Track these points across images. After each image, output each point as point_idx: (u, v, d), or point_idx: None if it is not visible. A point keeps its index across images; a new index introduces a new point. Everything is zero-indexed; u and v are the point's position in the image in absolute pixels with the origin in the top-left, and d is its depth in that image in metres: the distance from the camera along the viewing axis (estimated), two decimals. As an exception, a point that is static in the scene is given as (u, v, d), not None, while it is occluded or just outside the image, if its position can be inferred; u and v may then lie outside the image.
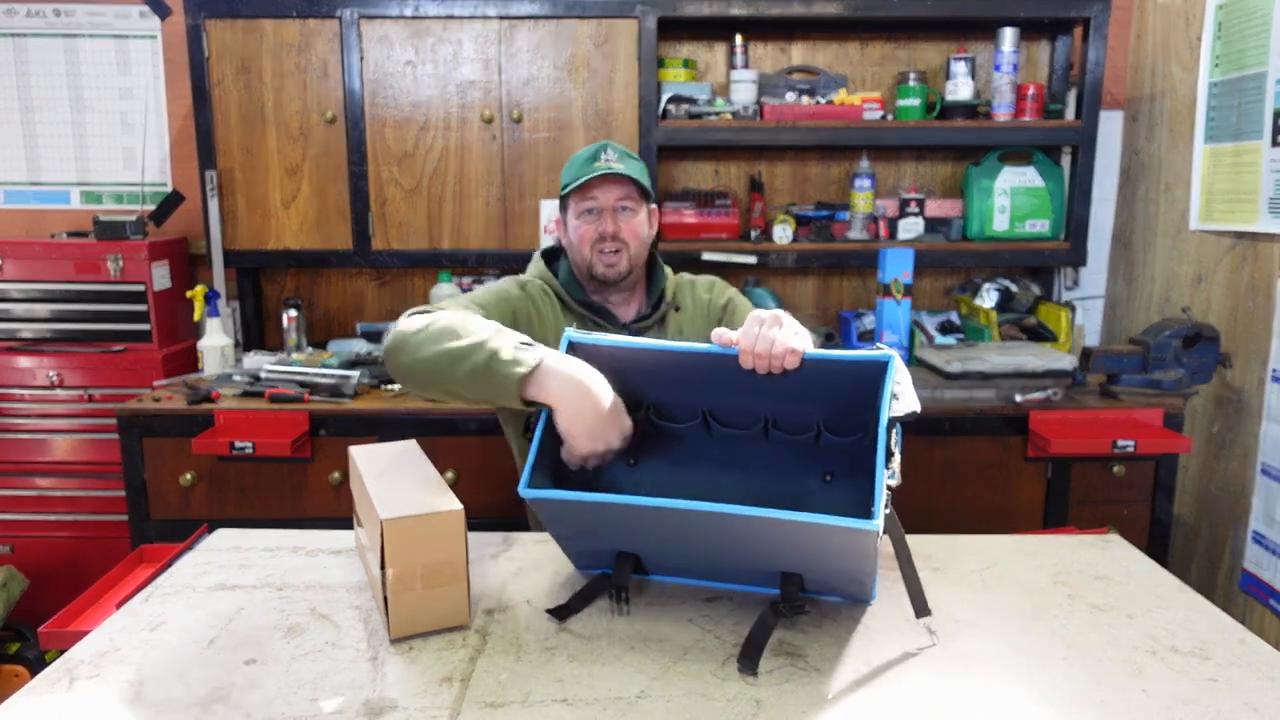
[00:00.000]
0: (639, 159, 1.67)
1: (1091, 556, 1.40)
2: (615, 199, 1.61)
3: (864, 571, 1.12)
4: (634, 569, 1.21)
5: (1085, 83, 2.56)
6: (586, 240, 1.62)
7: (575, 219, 1.63)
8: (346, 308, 2.92)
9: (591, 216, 1.61)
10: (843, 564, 1.11)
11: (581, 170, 1.60)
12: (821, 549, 1.08)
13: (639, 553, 1.21)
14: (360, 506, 1.32)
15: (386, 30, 2.50)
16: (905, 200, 2.70)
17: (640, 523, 1.12)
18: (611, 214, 1.61)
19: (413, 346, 1.33)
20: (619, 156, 1.62)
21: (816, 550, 1.09)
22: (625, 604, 1.18)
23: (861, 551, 1.06)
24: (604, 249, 1.61)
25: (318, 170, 2.57)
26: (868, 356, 1.12)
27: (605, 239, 1.60)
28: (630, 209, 1.62)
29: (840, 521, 1.00)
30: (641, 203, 1.65)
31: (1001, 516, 2.24)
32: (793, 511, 1.02)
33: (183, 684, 1.04)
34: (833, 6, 2.53)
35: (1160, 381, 2.24)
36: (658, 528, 1.13)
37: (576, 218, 1.63)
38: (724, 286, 1.76)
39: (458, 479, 2.22)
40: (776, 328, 1.15)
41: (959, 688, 1.03)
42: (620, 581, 1.18)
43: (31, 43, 2.81)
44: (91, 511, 2.59)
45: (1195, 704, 1.00)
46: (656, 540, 1.17)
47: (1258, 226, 2.22)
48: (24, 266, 2.54)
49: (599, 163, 1.60)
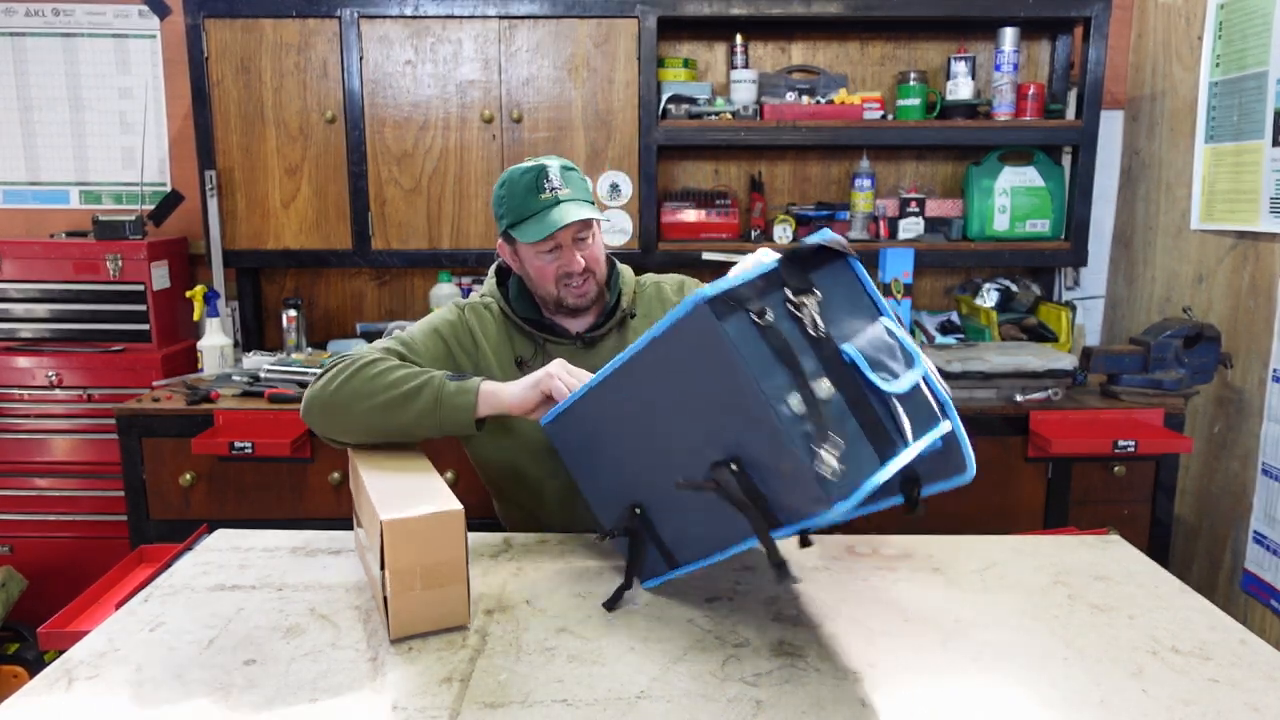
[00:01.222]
0: (576, 168, 1.56)
1: (1092, 557, 1.40)
2: (573, 233, 1.51)
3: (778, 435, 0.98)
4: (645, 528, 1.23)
5: (1086, 82, 2.56)
6: (550, 278, 1.54)
7: (532, 257, 1.54)
8: (346, 308, 2.92)
9: (551, 255, 1.52)
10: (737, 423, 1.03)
11: (526, 204, 1.50)
12: (700, 395, 1.06)
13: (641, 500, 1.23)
14: (360, 506, 1.32)
15: (386, 30, 2.50)
16: (905, 200, 2.70)
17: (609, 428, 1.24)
18: (571, 249, 1.52)
19: (339, 408, 1.42)
20: (562, 179, 1.51)
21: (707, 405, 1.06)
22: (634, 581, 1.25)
23: (728, 379, 1.00)
24: (571, 282, 1.55)
25: (317, 170, 2.56)
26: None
27: (573, 275, 1.54)
28: (585, 236, 1.53)
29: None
30: (593, 222, 1.54)
31: (1002, 517, 2.24)
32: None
33: (182, 684, 1.04)
34: (833, 6, 2.52)
35: (1161, 381, 2.23)
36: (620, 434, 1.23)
37: (534, 256, 1.54)
38: (692, 284, 1.69)
39: (458, 479, 2.22)
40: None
41: (959, 688, 1.03)
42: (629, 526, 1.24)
43: (30, 42, 2.81)
44: (91, 512, 2.58)
45: (1196, 704, 1.00)
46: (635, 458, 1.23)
47: (1258, 226, 2.22)
48: (23, 266, 2.54)
49: (544, 195, 1.49)
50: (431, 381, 1.40)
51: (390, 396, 1.39)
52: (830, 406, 0.99)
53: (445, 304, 2.55)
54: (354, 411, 1.41)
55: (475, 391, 1.39)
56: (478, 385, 1.39)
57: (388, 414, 1.39)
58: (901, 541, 1.43)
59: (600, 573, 1.33)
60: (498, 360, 1.58)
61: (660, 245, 2.63)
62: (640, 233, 2.59)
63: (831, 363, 1.01)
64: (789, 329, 1.01)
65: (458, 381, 1.40)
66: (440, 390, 1.39)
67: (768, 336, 0.99)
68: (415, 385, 1.40)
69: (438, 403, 1.38)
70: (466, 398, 1.38)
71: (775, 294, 1.02)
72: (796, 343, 1.01)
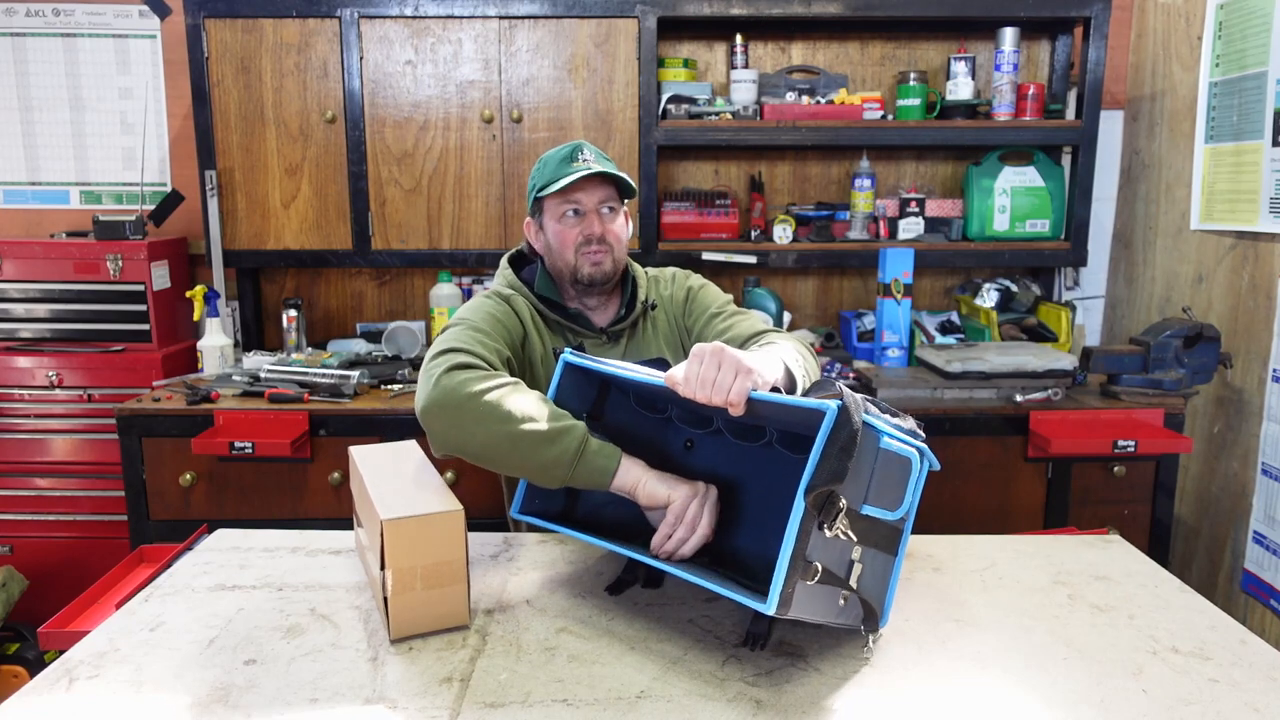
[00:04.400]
0: (607, 156, 1.63)
1: (1092, 557, 1.40)
2: (598, 200, 1.56)
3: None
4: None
5: (1086, 82, 2.56)
6: (570, 243, 1.57)
7: (555, 221, 1.57)
8: (346, 308, 2.92)
9: (574, 219, 1.56)
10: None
11: (559, 170, 1.55)
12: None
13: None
14: (360, 506, 1.32)
15: (386, 30, 2.50)
16: (905, 200, 2.70)
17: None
18: (595, 215, 1.56)
19: (473, 417, 1.26)
20: (596, 157, 1.57)
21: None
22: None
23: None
24: (589, 251, 1.57)
25: (317, 170, 2.56)
26: (810, 404, 1.02)
27: (591, 241, 1.56)
28: (613, 210, 1.59)
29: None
30: (621, 204, 1.61)
31: (1002, 517, 2.24)
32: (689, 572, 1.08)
33: (182, 684, 1.04)
34: (833, 6, 2.52)
35: (1161, 381, 2.24)
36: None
37: (557, 220, 1.57)
38: (686, 278, 1.72)
39: (458, 479, 2.22)
40: (714, 370, 1.11)
41: (959, 687, 1.03)
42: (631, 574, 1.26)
43: (31, 42, 2.81)
44: (91, 512, 2.58)
45: (1196, 704, 1.00)
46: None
47: (1258, 226, 2.22)
48: (23, 266, 2.54)
49: (577, 163, 1.54)
50: (574, 431, 1.25)
51: (529, 430, 1.24)
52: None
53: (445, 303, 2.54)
54: (484, 428, 1.26)
55: (618, 459, 1.25)
56: (620, 454, 1.26)
57: (518, 446, 1.25)
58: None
59: (600, 573, 1.33)
60: (542, 350, 1.59)
61: (660, 245, 2.63)
62: (640, 233, 2.59)
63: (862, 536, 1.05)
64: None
65: (599, 440, 1.26)
66: (584, 444, 1.25)
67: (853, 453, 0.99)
68: (558, 428, 1.25)
69: (579, 455, 1.24)
70: (609, 462, 1.24)
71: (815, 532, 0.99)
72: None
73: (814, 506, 0.97)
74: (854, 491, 1.01)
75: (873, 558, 1.06)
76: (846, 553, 1.03)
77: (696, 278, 1.73)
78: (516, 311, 1.58)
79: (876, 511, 1.04)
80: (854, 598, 1.05)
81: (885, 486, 1.05)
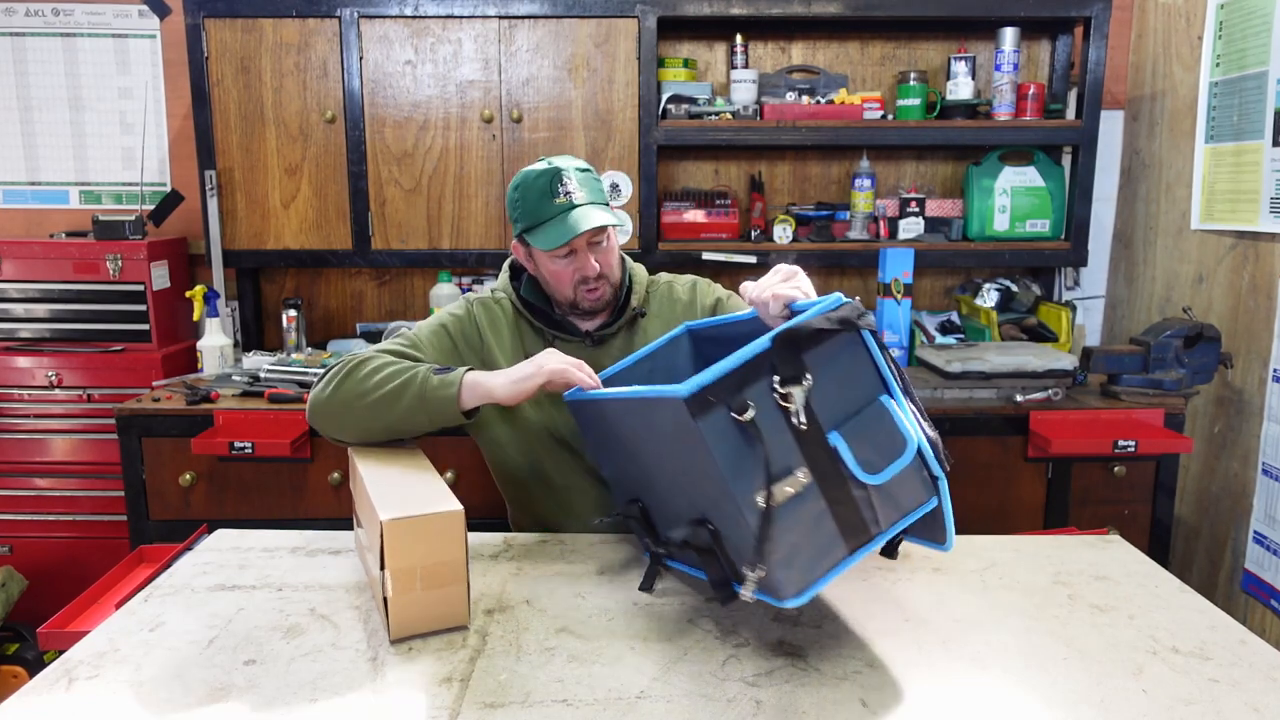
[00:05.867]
0: (590, 168, 1.56)
1: (1092, 557, 1.40)
2: (588, 237, 1.51)
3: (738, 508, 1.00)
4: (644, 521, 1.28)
5: (1086, 82, 2.56)
6: (566, 282, 1.54)
7: (548, 261, 1.54)
8: (346, 308, 2.92)
9: (567, 260, 1.52)
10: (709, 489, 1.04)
11: (542, 209, 1.49)
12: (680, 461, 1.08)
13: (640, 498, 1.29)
14: (360, 506, 1.32)
15: (386, 30, 2.50)
16: (905, 200, 2.70)
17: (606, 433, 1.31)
18: (587, 254, 1.52)
19: (337, 409, 1.44)
20: (578, 183, 1.50)
21: (681, 468, 1.08)
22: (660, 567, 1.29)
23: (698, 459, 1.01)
24: (586, 288, 1.55)
25: (317, 170, 2.56)
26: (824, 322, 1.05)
27: (588, 280, 1.54)
28: (601, 240, 1.54)
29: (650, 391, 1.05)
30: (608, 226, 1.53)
31: (1002, 516, 2.24)
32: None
33: (182, 684, 1.04)
34: (833, 6, 2.52)
35: (1161, 381, 2.23)
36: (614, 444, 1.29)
37: (549, 261, 1.53)
38: (709, 286, 1.68)
39: (458, 479, 2.22)
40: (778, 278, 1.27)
41: (959, 687, 1.03)
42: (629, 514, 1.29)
43: (30, 42, 2.81)
44: (90, 512, 2.58)
45: (1196, 704, 1.00)
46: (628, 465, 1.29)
47: (1259, 226, 2.21)
48: (23, 266, 2.54)
49: (559, 199, 1.48)
50: (416, 376, 1.41)
51: (380, 395, 1.40)
52: (802, 499, 1.00)
53: (445, 302, 2.55)
54: (350, 411, 1.43)
55: (458, 383, 1.39)
56: (461, 376, 1.40)
57: (379, 412, 1.41)
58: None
59: (601, 573, 1.33)
60: (505, 356, 1.59)
61: (660, 245, 2.63)
62: (640, 232, 2.59)
63: (814, 452, 1.01)
64: (771, 422, 1.00)
65: (442, 374, 1.41)
66: (425, 384, 1.40)
67: (745, 432, 0.98)
68: (401, 381, 1.40)
69: (422, 396, 1.39)
70: (449, 389, 1.39)
71: (761, 382, 1.00)
72: (777, 436, 1.00)
73: (779, 355, 1.00)
74: (827, 399, 1.02)
75: (814, 495, 1.01)
76: (789, 457, 1.00)
77: (720, 286, 1.70)
78: (481, 316, 1.61)
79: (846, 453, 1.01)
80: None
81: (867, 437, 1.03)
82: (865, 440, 1.03)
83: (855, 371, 1.06)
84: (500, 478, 1.69)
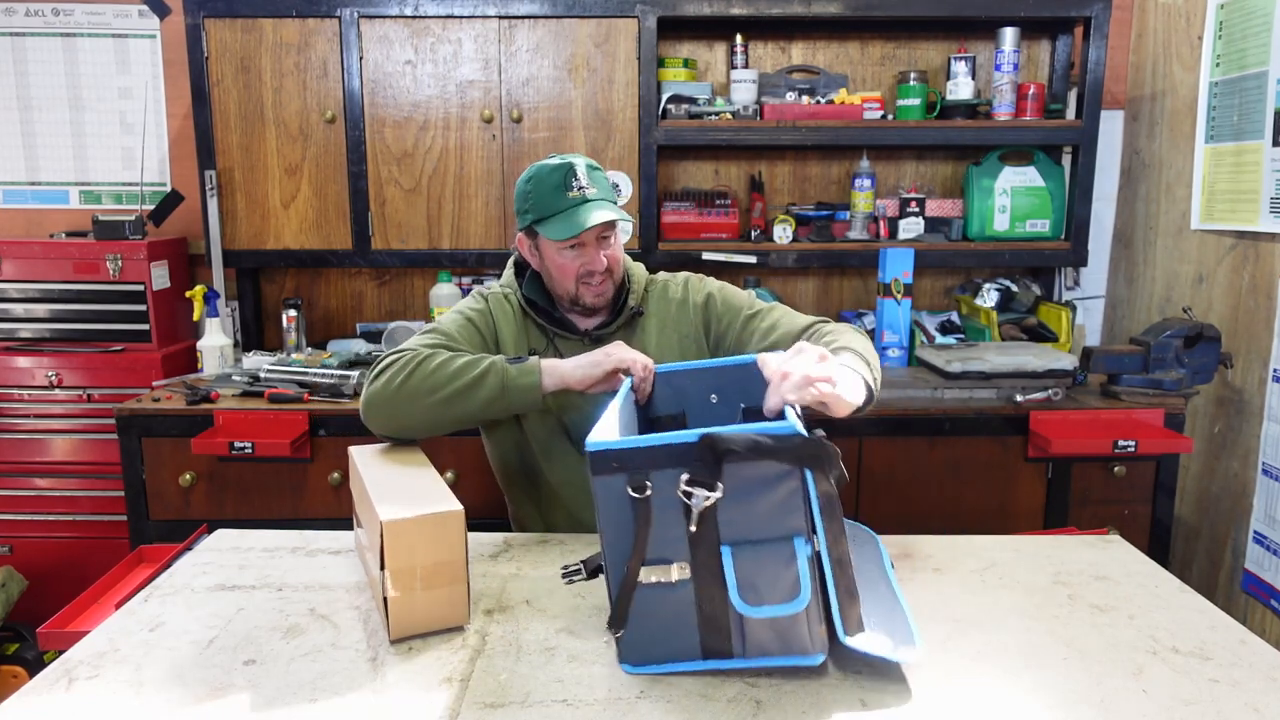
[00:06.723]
0: (600, 167, 1.57)
1: (1092, 557, 1.40)
2: (597, 232, 1.53)
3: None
4: None
5: (1086, 82, 2.56)
6: (570, 275, 1.56)
7: (554, 253, 1.55)
8: (346, 308, 2.92)
9: (574, 253, 1.54)
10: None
11: (554, 201, 1.50)
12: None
13: None
14: (360, 507, 1.32)
15: (386, 30, 2.50)
16: (905, 200, 2.70)
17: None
18: (595, 248, 1.54)
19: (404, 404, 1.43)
20: (589, 178, 1.52)
21: None
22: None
23: None
24: (590, 283, 1.56)
25: (317, 170, 2.56)
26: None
27: (593, 274, 1.55)
28: (610, 236, 1.56)
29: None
30: (617, 223, 1.56)
31: (1001, 517, 2.24)
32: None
33: (182, 684, 1.04)
34: (833, 6, 2.52)
35: (1161, 381, 2.23)
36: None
37: (556, 253, 1.55)
38: (700, 282, 1.69)
39: (458, 479, 2.22)
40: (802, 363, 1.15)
41: (959, 687, 1.03)
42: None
43: (30, 42, 2.81)
44: (90, 512, 2.58)
45: (1196, 704, 1.00)
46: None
47: (1259, 226, 2.21)
48: (23, 266, 2.54)
49: (572, 192, 1.50)
50: (494, 366, 1.44)
51: (455, 388, 1.42)
52: (671, 588, 1.01)
53: (445, 303, 2.56)
54: (420, 406, 1.43)
55: (538, 370, 1.44)
56: (539, 364, 1.45)
57: (454, 404, 1.43)
58: (901, 541, 1.43)
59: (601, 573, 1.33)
60: (513, 349, 1.61)
61: (660, 245, 2.63)
62: (640, 232, 2.59)
63: (701, 555, 1.00)
64: (667, 509, 1.00)
65: (517, 364, 1.45)
66: (504, 375, 1.43)
67: (635, 506, 1.00)
68: (479, 374, 1.43)
69: (504, 387, 1.43)
70: (531, 377, 1.43)
71: (670, 471, 0.99)
72: (669, 525, 1.00)
73: (699, 454, 0.97)
74: (736, 514, 0.99)
75: (685, 591, 1.01)
76: (674, 547, 1.01)
77: (712, 280, 1.69)
78: (496, 311, 1.63)
79: (730, 572, 0.99)
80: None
81: (761, 568, 0.99)
82: (757, 570, 0.99)
83: (779, 502, 0.99)
84: (504, 477, 1.69)
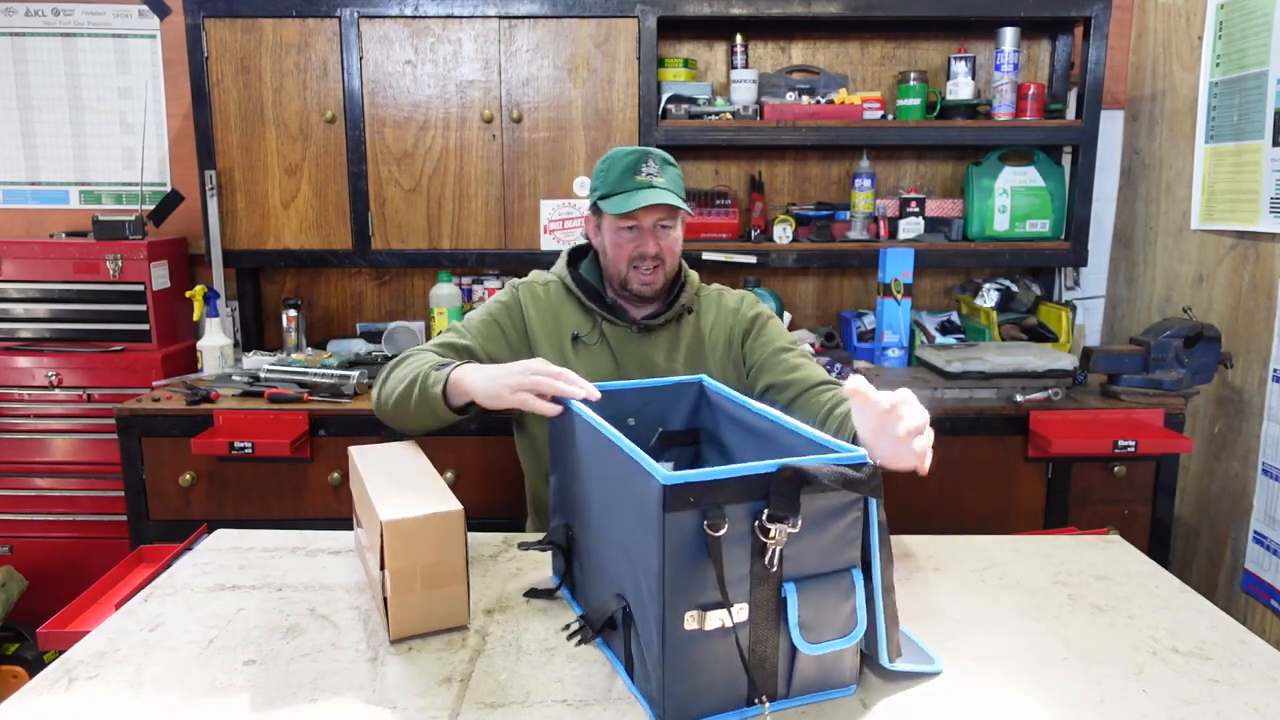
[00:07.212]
0: (676, 165, 1.64)
1: (1092, 557, 1.40)
2: (657, 218, 1.59)
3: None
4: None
5: (1086, 82, 2.56)
6: (624, 256, 1.61)
7: (613, 232, 1.62)
8: (346, 308, 2.92)
9: (630, 234, 1.60)
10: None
11: (622, 182, 1.57)
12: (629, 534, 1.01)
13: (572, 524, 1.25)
14: (360, 507, 1.32)
15: (386, 30, 2.50)
16: (905, 200, 2.70)
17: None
18: (652, 233, 1.59)
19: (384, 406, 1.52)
20: (660, 169, 1.59)
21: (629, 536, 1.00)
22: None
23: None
24: (642, 266, 1.61)
25: (317, 170, 2.56)
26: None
27: (645, 258, 1.60)
28: (669, 226, 1.62)
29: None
30: (679, 215, 1.63)
31: (1002, 517, 2.24)
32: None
33: (182, 685, 1.04)
34: (833, 6, 2.52)
35: (1161, 381, 2.23)
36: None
37: (614, 232, 1.61)
38: (753, 300, 1.75)
39: (458, 479, 2.22)
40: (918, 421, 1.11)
41: (959, 687, 1.03)
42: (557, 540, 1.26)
43: (30, 42, 2.81)
44: (90, 512, 2.58)
45: (1196, 704, 1.00)
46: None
47: (1259, 226, 2.21)
48: (23, 266, 2.54)
49: (640, 176, 1.56)
50: (420, 372, 1.45)
51: (399, 394, 1.47)
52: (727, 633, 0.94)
53: (445, 303, 2.56)
54: (396, 411, 1.49)
55: (444, 380, 1.41)
56: (447, 374, 1.42)
57: (404, 408, 1.46)
58: (901, 541, 1.43)
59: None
60: (547, 338, 1.64)
61: (660, 245, 2.63)
62: (640, 233, 2.59)
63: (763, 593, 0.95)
64: (736, 547, 0.93)
65: (439, 370, 1.43)
66: (424, 380, 1.43)
67: (707, 546, 0.92)
68: (412, 379, 1.45)
69: (422, 394, 1.43)
70: (436, 388, 1.42)
71: (747, 505, 0.93)
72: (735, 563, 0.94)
73: (778, 486, 0.92)
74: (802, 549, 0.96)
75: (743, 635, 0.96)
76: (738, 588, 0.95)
77: (765, 308, 1.75)
78: (525, 300, 1.66)
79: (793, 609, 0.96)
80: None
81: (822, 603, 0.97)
82: (820, 605, 0.97)
83: (839, 534, 0.98)
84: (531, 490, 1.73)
